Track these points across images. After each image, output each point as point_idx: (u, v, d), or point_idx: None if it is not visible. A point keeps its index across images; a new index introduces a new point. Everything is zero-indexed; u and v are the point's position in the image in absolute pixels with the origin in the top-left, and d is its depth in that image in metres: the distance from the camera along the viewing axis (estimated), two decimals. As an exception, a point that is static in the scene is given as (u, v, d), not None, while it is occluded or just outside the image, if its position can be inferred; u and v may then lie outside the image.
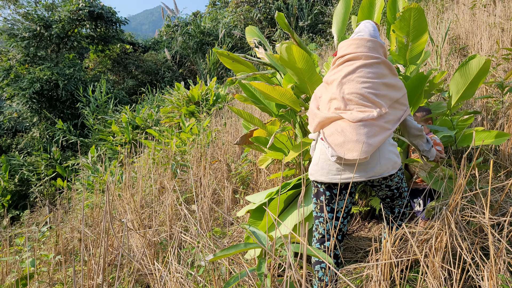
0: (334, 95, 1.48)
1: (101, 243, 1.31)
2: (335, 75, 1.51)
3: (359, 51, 1.51)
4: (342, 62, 1.53)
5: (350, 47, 1.53)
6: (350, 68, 1.48)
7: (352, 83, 1.46)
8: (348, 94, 1.46)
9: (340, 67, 1.52)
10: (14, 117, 10.98)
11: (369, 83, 1.46)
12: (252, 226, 1.22)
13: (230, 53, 2.32)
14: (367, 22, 1.64)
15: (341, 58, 1.54)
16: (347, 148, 1.38)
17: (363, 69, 1.48)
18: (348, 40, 1.56)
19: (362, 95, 1.45)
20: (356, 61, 1.50)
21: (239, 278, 1.04)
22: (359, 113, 1.42)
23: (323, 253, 1.04)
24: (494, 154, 2.38)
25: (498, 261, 1.29)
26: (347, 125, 1.41)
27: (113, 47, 13.32)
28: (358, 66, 1.48)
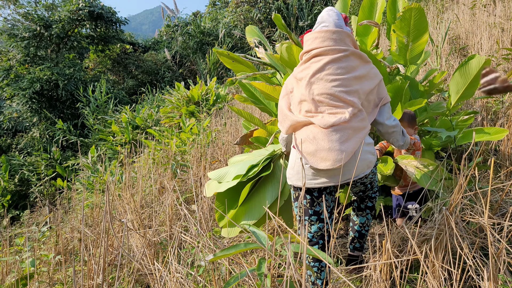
0: (303, 96, 1.41)
1: (101, 243, 1.31)
2: (303, 72, 1.44)
3: (325, 44, 1.42)
4: (309, 58, 1.45)
5: (315, 41, 1.44)
6: (318, 65, 1.40)
7: (321, 82, 1.39)
8: (318, 95, 1.39)
9: (308, 63, 1.44)
10: (14, 117, 10.97)
11: (339, 81, 1.38)
12: (252, 226, 1.22)
13: (230, 53, 2.32)
14: (329, 9, 1.53)
15: (307, 54, 1.46)
16: (320, 157, 1.33)
17: (331, 65, 1.40)
18: (313, 32, 1.46)
19: (333, 95, 1.37)
20: (323, 57, 1.41)
21: (239, 278, 1.04)
22: (330, 116, 1.36)
23: (323, 253, 1.04)
24: (494, 154, 2.38)
25: (498, 261, 1.29)
26: (318, 131, 1.35)
27: (113, 47, 13.31)
28: (326, 62, 1.40)
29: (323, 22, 1.49)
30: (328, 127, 1.35)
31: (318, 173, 1.37)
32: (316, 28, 1.49)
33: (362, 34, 2.46)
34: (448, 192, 1.75)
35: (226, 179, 1.83)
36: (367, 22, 2.19)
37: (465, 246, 1.28)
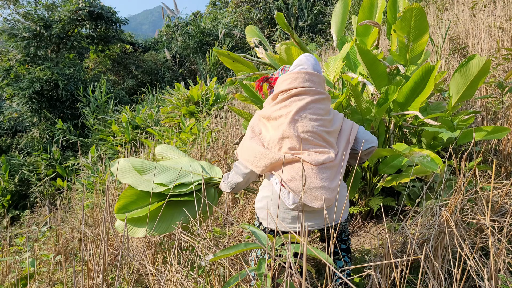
0: (286, 133, 1.37)
1: (101, 243, 1.31)
2: (282, 111, 1.42)
3: (307, 85, 1.44)
4: (288, 97, 1.43)
5: (296, 80, 1.44)
6: (301, 103, 1.40)
7: (305, 121, 1.39)
8: (303, 132, 1.37)
9: (287, 101, 1.43)
10: (14, 117, 10.97)
11: (321, 121, 1.41)
12: (252, 226, 1.22)
13: (230, 53, 2.32)
14: (307, 55, 1.57)
15: (286, 92, 1.45)
16: (313, 195, 1.30)
17: (313, 105, 1.42)
18: (292, 73, 1.47)
19: (317, 134, 1.39)
20: (305, 96, 1.42)
21: (239, 278, 1.04)
22: (318, 155, 1.36)
23: (323, 253, 1.04)
24: (494, 154, 2.38)
25: (498, 261, 1.29)
26: (309, 168, 1.33)
27: (113, 47, 13.31)
28: (309, 101, 1.41)
29: (301, 65, 1.51)
30: (318, 164, 1.34)
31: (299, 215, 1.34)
32: (293, 69, 1.51)
33: (362, 34, 2.46)
34: (448, 192, 1.75)
35: (147, 177, 1.74)
36: (367, 22, 2.19)
37: (465, 246, 1.28)
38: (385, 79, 2.13)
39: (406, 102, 2.10)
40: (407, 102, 2.10)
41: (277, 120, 1.43)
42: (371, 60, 2.00)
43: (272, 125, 1.44)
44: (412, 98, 2.07)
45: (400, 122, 2.23)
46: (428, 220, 1.62)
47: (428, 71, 1.95)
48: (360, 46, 1.94)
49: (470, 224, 1.61)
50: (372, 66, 2.03)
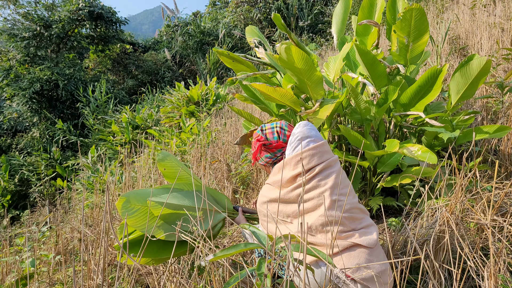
0: (331, 218, 1.24)
1: (101, 243, 1.31)
2: (310, 194, 1.29)
3: (325, 158, 1.34)
4: (313, 176, 1.31)
5: (314, 158, 1.33)
6: (332, 181, 1.30)
7: (343, 198, 1.29)
8: (347, 211, 1.26)
9: (313, 182, 1.30)
10: (14, 117, 10.97)
11: (352, 192, 1.33)
12: (252, 226, 1.22)
13: (230, 53, 2.32)
14: (306, 124, 1.44)
15: (310, 172, 1.32)
16: (382, 281, 1.19)
17: (339, 177, 1.32)
18: (306, 151, 1.33)
19: (358, 207, 1.30)
20: (330, 170, 1.33)
21: (239, 278, 1.04)
22: (368, 234, 1.26)
23: (323, 253, 1.04)
24: (494, 154, 2.38)
25: (498, 261, 1.29)
26: (366, 252, 1.21)
27: (113, 47, 13.32)
28: (336, 175, 1.31)
29: (308, 138, 1.38)
30: (374, 245, 1.23)
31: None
32: (300, 145, 1.37)
33: (362, 34, 2.46)
34: (448, 192, 1.75)
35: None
36: (366, 22, 2.19)
37: (465, 246, 1.28)
38: (385, 79, 2.13)
39: (410, 103, 2.11)
40: (411, 103, 2.10)
41: (306, 204, 1.29)
42: (370, 60, 2.00)
43: (307, 208, 1.30)
44: (416, 99, 2.07)
45: (400, 122, 2.23)
46: (428, 220, 1.62)
47: (434, 74, 1.96)
48: (360, 46, 1.94)
49: (470, 224, 1.61)
50: (372, 66, 2.03)
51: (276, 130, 1.49)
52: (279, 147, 1.47)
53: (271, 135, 1.49)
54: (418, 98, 2.07)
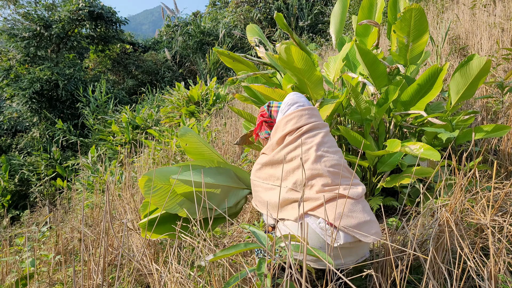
0: (316, 171, 1.29)
1: (101, 243, 1.31)
2: (298, 151, 1.34)
3: (313, 120, 1.41)
4: (299, 135, 1.37)
5: (302, 118, 1.39)
6: (318, 139, 1.36)
7: (329, 155, 1.34)
8: (331, 166, 1.32)
9: (299, 141, 1.36)
10: (14, 117, 10.97)
11: (339, 152, 1.39)
12: (252, 226, 1.22)
13: (230, 53, 2.32)
14: (295, 93, 1.53)
15: (294, 132, 1.38)
16: (365, 230, 1.24)
17: (327, 138, 1.40)
18: (294, 112, 1.41)
19: (345, 167, 1.36)
20: (317, 131, 1.39)
21: (239, 278, 1.04)
22: (353, 187, 1.31)
23: (323, 253, 1.04)
24: (494, 154, 2.38)
25: (498, 261, 1.29)
26: (350, 202, 1.26)
27: (113, 47, 13.32)
28: (323, 135, 1.38)
29: (297, 103, 1.47)
30: (359, 197, 1.29)
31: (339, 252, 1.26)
32: (289, 109, 1.45)
33: (362, 34, 2.46)
34: (448, 192, 1.75)
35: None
36: (366, 22, 2.19)
37: (465, 246, 1.28)
38: (385, 79, 2.13)
39: (410, 102, 2.11)
40: (411, 102, 2.10)
41: (292, 162, 1.34)
42: (371, 60, 2.00)
43: (286, 169, 1.34)
44: (417, 98, 2.07)
45: (400, 122, 2.23)
46: (428, 220, 1.62)
47: (435, 73, 1.96)
48: (360, 46, 1.95)
49: (470, 224, 1.61)
50: (372, 66, 2.03)
51: (268, 105, 1.56)
52: None
53: (275, 113, 1.53)
54: (419, 97, 2.07)
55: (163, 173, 1.51)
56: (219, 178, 1.57)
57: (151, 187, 1.44)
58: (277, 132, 1.43)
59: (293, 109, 1.44)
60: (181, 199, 1.51)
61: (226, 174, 1.64)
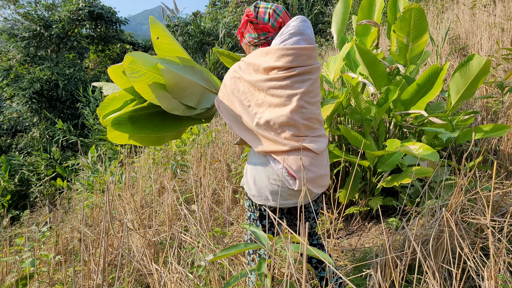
0: (292, 121, 1.29)
1: (101, 243, 1.31)
2: (282, 92, 1.30)
3: (308, 63, 1.32)
4: (289, 76, 1.29)
5: (299, 58, 1.29)
6: (305, 87, 1.31)
7: (309, 106, 1.32)
8: (307, 119, 1.32)
9: (288, 81, 1.29)
10: (14, 117, 10.97)
11: (319, 102, 1.37)
12: (252, 226, 1.22)
13: (230, 53, 2.32)
14: (304, 20, 1.35)
15: (286, 71, 1.29)
16: (318, 183, 1.35)
17: (314, 85, 1.34)
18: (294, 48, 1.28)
19: (317, 119, 1.36)
20: (308, 76, 1.32)
21: (239, 278, 1.04)
22: (318, 142, 1.34)
23: (323, 253, 1.04)
24: (494, 154, 2.38)
25: (498, 261, 1.29)
26: (314, 157, 1.33)
27: (113, 47, 13.31)
28: (312, 83, 1.33)
29: (301, 34, 1.31)
30: (321, 152, 1.35)
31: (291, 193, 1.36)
32: (290, 40, 1.30)
33: (361, 34, 2.46)
34: (448, 192, 1.75)
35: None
36: (366, 21, 2.19)
37: (465, 246, 1.28)
38: (385, 79, 2.13)
39: (411, 102, 2.11)
40: (412, 102, 2.10)
41: (273, 97, 1.31)
42: (371, 60, 2.00)
43: (265, 100, 1.32)
44: (417, 97, 2.07)
45: (400, 122, 2.23)
46: (428, 220, 1.62)
47: (435, 72, 1.96)
48: (360, 46, 1.95)
49: (470, 224, 1.61)
50: (372, 66, 2.03)
51: (269, 12, 1.40)
52: (265, 30, 1.39)
53: (262, 15, 1.40)
54: (419, 96, 2.07)
55: (146, 58, 1.33)
56: (195, 78, 1.45)
57: (135, 71, 1.27)
58: (268, 57, 1.31)
59: (293, 42, 1.29)
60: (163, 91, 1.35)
61: (201, 76, 1.54)
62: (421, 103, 2.06)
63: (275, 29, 1.39)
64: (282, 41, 1.30)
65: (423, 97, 2.06)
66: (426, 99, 2.04)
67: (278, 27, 1.39)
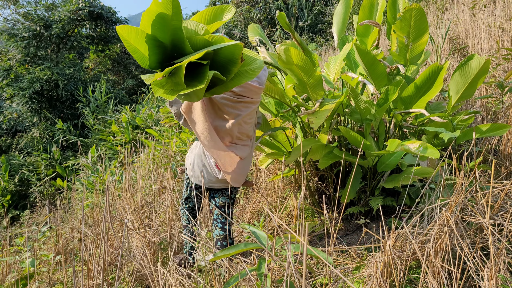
0: (229, 131, 1.76)
1: (101, 243, 1.31)
2: (231, 110, 1.74)
3: (256, 97, 1.78)
4: (241, 101, 1.74)
5: (250, 92, 1.73)
6: (247, 110, 1.75)
7: (245, 125, 1.79)
8: (240, 133, 1.79)
9: (239, 105, 1.74)
10: (14, 117, 10.97)
11: (252, 123, 1.84)
12: (252, 226, 1.22)
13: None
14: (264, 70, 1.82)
15: (242, 98, 1.74)
16: (235, 179, 1.81)
17: (253, 112, 1.80)
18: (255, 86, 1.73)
19: (247, 134, 1.83)
20: (251, 105, 1.77)
21: (239, 278, 1.04)
22: (243, 151, 1.81)
23: (323, 253, 1.04)
24: (494, 154, 2.38)
25: (498, 261, 1.29)
26: (234, 159, 1.79)
27: (113, 47, 13.32)
28: (252, 110, 1.78)
29: (259, 78, 1.76)
30: (243, 157, 1.81)
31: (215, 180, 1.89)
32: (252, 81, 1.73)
33: (362, 34, 2.45)
34: (448, 192, 1.75)
35: None
36: (367, 22, 2.19)
37: (465, 246, 1.28)
38: (385, 79, 2.13)
39: (411, 101, 2.10)
40: (412, 101, 2.10)
41: (224, 111, 1.76)
42: (370, 60, 2.00)
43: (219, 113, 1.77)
44: (417, 96, 2.07)
45: (400, 122, 2.23)
46: (428, 220, 1.62)
47: (435, 71, 1.96)
48: (359, 46, 1.94)
49: (470, 224, 1.61)
50: (371, 66, 2.03)
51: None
52: None
53: None
54: (419, 95, 2.07)
55: None
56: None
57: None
58: None
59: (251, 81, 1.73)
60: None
61: None
62: (422, 102, 2.06)
63: None
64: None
65: (423, 96, 2.06)
66: (427, 98, 2.04)
67: None
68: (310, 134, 2.36)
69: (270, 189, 2.92)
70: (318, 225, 2.33)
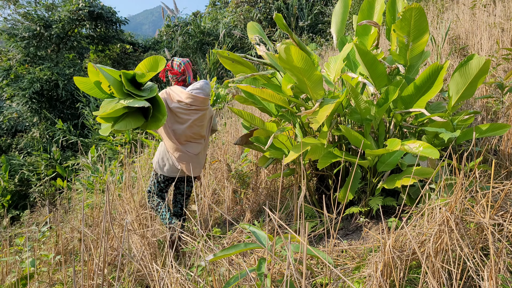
0: (184, 132, 2.39)
1: (101, 243, 1.31)
2: (184, 116, 2.38)
3: (202, 105, 2.39)
4: (189, 109, 2.37)
5: (196, 101, 2.35)
6: (196, 116, 2.39)
7: (195, 127, 2.42)
8: (193, 133, 2.43)
9: (189, 111, 2.37)
10: (14, 117, 10.97)
11: (203, 125, 2.48)
12: (252, 226, 1.22)
13: (230, 53, 2.32)
14: (206, 83, 2.42)
15: (188, 105, 2.35)
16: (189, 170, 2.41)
17: (202, 117, 2.43)
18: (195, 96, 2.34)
19: (199, 134, 2.47)
20: (200, 112, 2.40)
21: (239, 278, 1.04)
22: (196, 147, 2.46)
23: (323, 253, 1.04)
24: (494, 154, 2.38)
25: (498, 261, 1.29)
26: (189, 155, 2.43)
27: (113, 47, 13.31)
28: (201, 115, 2.41)
29: (202, 90, 2.38)
30: (197, 154, 2.49)
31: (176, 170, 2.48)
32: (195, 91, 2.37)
33: (362, 34, 2.45)
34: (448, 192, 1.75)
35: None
36: (366, 22, 2.19)
37: (465, 246, 1.28)
38: (385, 79, 2.13)
39: (411, 100, 2.10)
40: (412, 100, 2.10)
41: (179, 117, 2.39)
42: (370, 60, 2.00)
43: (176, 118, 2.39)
44: (417, 96, 2.07)
45: (400, 122, 2.23)
46: (428, 220, 1.62)
47: (436, 71, 1.96)
48: (360, 46, 1.94)
49: (470, 223, 1.60)
50: (371, 66, 2.03)
51: (177, 63, 2.48)
52: (176, 74, 2.48)
53: (175, 66, 2.48)
54: (419, 94, 2.07)
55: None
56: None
57: None
58: (182, 94, 2.36)
59: (196, 93, 2.36)
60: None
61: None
62: (422, 101, 2.06)
63: (181, 73, 2.48)
64: (191, 89, 2.37)
65: (423, 96, 2.06)
66: (427, 98, 2.04)
67: (182, 72, 2.48)
68: (310, 134, 2.36)
69: (270, 189, 2.92)
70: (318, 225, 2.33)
